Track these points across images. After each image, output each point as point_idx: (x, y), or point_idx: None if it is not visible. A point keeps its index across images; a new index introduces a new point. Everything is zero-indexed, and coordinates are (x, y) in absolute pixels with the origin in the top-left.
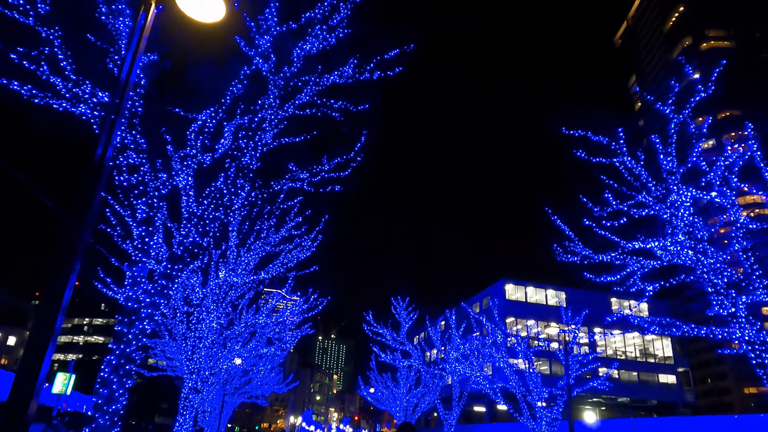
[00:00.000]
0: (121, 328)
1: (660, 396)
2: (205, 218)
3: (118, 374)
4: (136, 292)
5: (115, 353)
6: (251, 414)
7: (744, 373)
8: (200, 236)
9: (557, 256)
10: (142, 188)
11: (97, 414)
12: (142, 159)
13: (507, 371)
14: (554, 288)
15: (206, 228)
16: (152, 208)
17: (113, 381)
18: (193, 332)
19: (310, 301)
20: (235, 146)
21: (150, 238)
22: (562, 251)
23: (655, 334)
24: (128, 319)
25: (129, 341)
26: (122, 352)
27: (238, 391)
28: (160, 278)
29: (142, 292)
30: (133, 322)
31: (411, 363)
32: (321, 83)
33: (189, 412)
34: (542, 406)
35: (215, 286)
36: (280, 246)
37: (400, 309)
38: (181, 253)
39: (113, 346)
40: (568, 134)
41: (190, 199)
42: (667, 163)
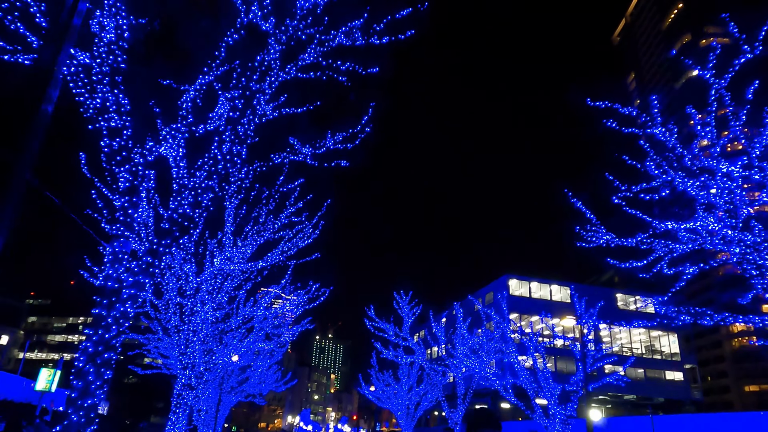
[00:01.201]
0: (100, 311)
1: (667, 393)
2: (197, 188)
3: (95, 364)
4: (117, 270)
5: (91, 339)
6: (248, 414)
7: (744, 371)
8: (191, 208)
9: (576, 242)
10: (125, 154)
11: (70, 409)
12: (126, 122)
13: (516, 367)
14: (559, 283)
15: (198, 199)
16: (137, 176)
17: (89, 372)
18: (187, 325)
19: (311, 292)
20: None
21: (134, 210)
22: (584, 235)
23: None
24: (108, 301)
25: (108, 326)
26: (100, 338)
27: (235, 389)
28: (146, 255)
29: (124, 270)
30: (113, 304)
31: (414, 359)
32: (326, 44)
33: (182, 410)
34: (555, 404)
35: (210, 276)
36: (279, 233)
37: (402, 304)
38: (169, 226)
39: (90, 332)
40: (594, 106)
41: (180, 171)
42: (705, 134)
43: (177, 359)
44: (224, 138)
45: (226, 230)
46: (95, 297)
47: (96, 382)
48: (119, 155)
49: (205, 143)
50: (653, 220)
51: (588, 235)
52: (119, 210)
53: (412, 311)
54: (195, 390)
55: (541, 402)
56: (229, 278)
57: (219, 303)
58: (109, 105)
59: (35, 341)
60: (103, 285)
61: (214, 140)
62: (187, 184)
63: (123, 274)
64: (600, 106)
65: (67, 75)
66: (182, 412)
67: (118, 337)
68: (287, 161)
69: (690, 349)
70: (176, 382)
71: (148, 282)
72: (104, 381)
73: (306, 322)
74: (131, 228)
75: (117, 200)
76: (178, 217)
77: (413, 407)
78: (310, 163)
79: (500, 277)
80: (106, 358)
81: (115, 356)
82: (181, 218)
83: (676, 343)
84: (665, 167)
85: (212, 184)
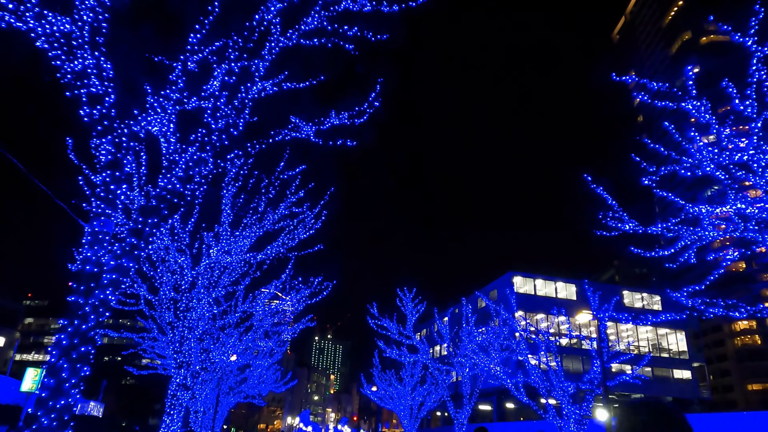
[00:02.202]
0: (76, 298)
1: (675, 392)
2: (188, 159)
3: (69, 359)
4: (97, 252)
5: (66, 331)
6: (248, 415)
7: (748, 369)
8: (181, 183)
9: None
10: (107, 123)
11: (39, 411)
12: (108, 88)
13: (528, 365)
14: (564, 280)
15: (190, 173)
16: (120, 148)
17: (63, 368)
18: (182, 321)
19: (313, 286)
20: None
21: (116, 185)
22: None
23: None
24: (85, 287)
25: (86, 315)
26: (76, 329)
27: (234, 390)
28: (129, 236)
29: (105, 253)
30: (91, 291)
31: (418, 358)
32: (331, 7)
33: (177, 411)
34: (568, 403)
35: (206, 268)
36: (279, 223)
37: (406, 301)
38: (156, 204)
39: (64, 323)
40: (620, 80)
41: (171, 146)
42: (745, 108)
43: (171, 357)
44: (219, 105)
45: (223, 220)
46: (71, 283)
47: (71, 380)
48: (100, 125)
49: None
50: (686, 203)
51: (610, 223)
52: (100, 185)
53: (416, 308)
54: (191, 390)
55: (550, 401)
56: (226, 272)
57: (216, 298)
58: (90, 69)
59: (32, 342)
60: (80, 269)
61: (208, 107)
62: (178, 161)
63: (103, 257)
64: (627, 81)
65: (43, 36)
66: (177, 414)
67: (97, 328)
68: (288, 138)
69: (698, 346)
70: (171, 381)
71: (132, 266)
72: (80, 379)
73: (307, 320)
74: (113, 205)
75: (98, 175)
76: (166, 194)
77: (416, 407)
78: (314, 140)
79: (505, 274)
80: (82, 352)
81: (94, 350)
82: (170, 194)
83: (684, 341)
84: (695, 147)
85: (205, 156)
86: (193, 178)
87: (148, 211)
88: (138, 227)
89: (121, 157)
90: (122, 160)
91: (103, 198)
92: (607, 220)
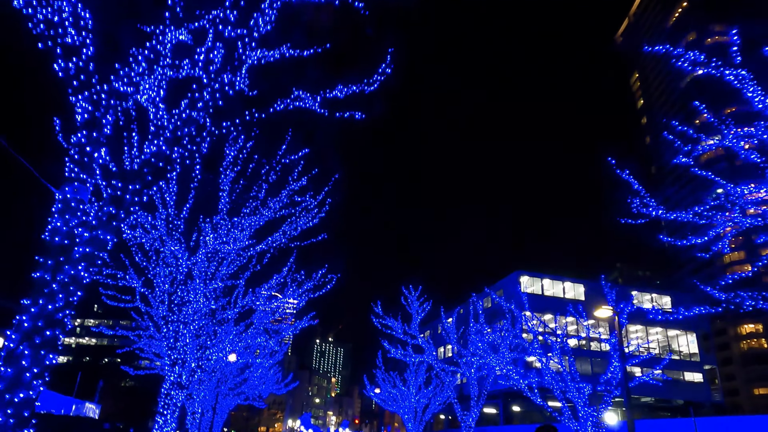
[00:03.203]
0: (42, 274)
1: (686, 395)
2: (176, 120)
3: (32, 344)
4: (68, 222)
5: (29, 312)
6: (248, 417)
7: (754, 373)
8: (168, 145)
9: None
10: (84, 78)
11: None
12: (86, 39)
13: (540, 365)
14: (572, 280)
15: (178, 134)
16: (98, 106)
17: (24, 355)
18: (176, 315)
19: (316, 279)
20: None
21: (93, 147)
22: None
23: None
24: (53, 262)
25: (53, 294)
26: (41, 309)
27: (233, 391)
28: (107, 204)
29: (78, 223)
30: (60, 266)
31: (423, 358)
32: None
33: (171, 411)
34: (585, 405)
35: (202, 258)
36: (281, 211)
37: (411, 299)
38: (139, 167)
39: (27, 302)
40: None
41: (159, 112)
42: None
43: (165, 354)
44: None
45: (221, 207)
46: (37, 257)
47: (32, 369)
48: (76, 80)
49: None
50: (726, 183)
51: (638, 209)
52: (74, 146)
53: (421, 307)
54: (187, 390)
55: (556, 404)
56: (224, 263)
57: (214, 291)
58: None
59: None
60: (48, 241)
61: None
62: (166, 125)
63: (76, 227)
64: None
65: None
66: (171, 414)
67: (66, 309)
68: (291, 108)
69: (708, 348)
70: (165, 380)
71: (109, 239)
72: (44, 368)
73: (309, 318)
74: (89, 170)
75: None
76: (150, 157)
77: (421, 410)
78: (319, 111)
79: (511, 274)
80: (47, 336)
81: (62, 335)
82: (155, 158)
83: (695, 343)
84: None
85: (196, 116)
86: (182, 140)
87: (129, 176)
88: (117, 194)
89: (99, 116)
90: (101, 120)
91: (78, 161)
92: (636, 206)
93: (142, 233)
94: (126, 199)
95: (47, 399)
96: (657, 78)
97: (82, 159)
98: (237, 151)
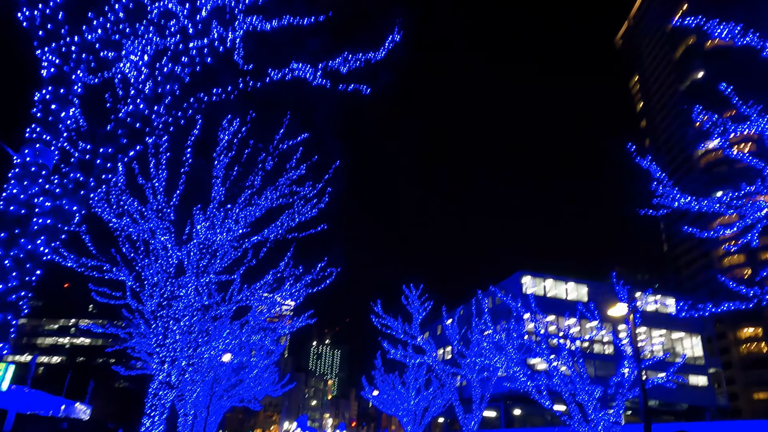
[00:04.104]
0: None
1: (690, 399)
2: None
3: None
4: (26, 189)
5: None
6: (243, 419)
7: (753, 378)
8: (146, 104)
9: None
10: (51, 28)
11: None
12: None
13: (549, 368)
14: (575, 281)
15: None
16: (67, 60)
17: None
18: (166, 310)
19: (315, 272)
20: None
21: (60, 105)
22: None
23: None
24: (7, 234)
25: (4, 272)
26: None
27: (228, 392)
28: (74, 170)
29: (38, 190)
30: (15, 239)
31: (423, 359)
32: None
33: (159, 412)
34: (596, 408)
35: (194, 249)
36: (278, 200)
37: (412, 298)
38: (112, 129)
39: None
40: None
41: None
42: None
43: (153, 351)
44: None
45: (214, 195)
46: None
47: None
48: (42, 30)
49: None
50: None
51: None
52: (38, 104)
53: (423, 306)
54: (177, 389)
55: (562, 407)
56: (218, 255)
57: (207, 285)
58: None
59: (25, 344)
60: (2, 210)
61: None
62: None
63: (36, 196)
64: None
65: None
66: (159, 416)
67: (22, 290)
68: (289, 78)
69: (713, 350)
70: (153, 379)
71: (76, 210)
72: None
73: (307, 316)
74: (55, 131)
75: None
76: (126, 116)
77: (420, 413)
78: (321, 83)
79: (514, 274)
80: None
81: (16, 321)
82: (132, 117)
83: (699, 345)
84: None
85: (180, 73)
86: (163, 99)
87: (100, 138)
88: (86, 158)
89: (68, 71)
90: (70, 75)
91: (41, 120)
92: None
93: (129, 222)
94: (96, 165)
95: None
96: (657, 81)
97: (46, 118)
98: (231, 135)
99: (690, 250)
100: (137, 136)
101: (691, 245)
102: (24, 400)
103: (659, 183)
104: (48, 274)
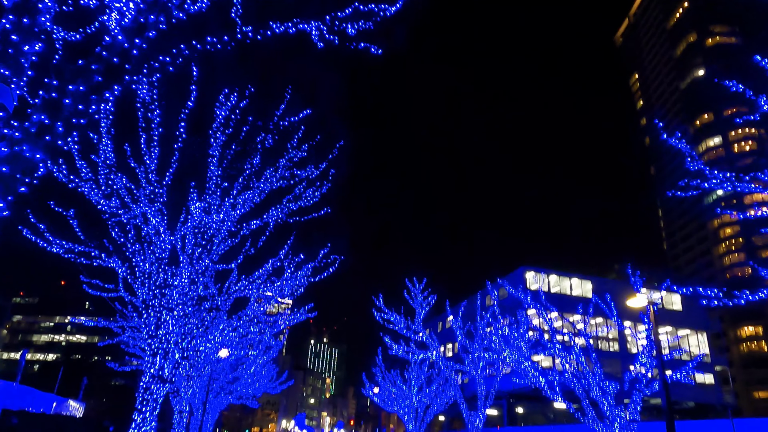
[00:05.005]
0: None
1: (697, 397)
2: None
3: None
4: None
5: None
6: (241, 417)
7: (753, 376)
8: (126, 36)
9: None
10: None
11: None
12: None
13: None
14: (579, 277)
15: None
16: None
17: None
18: (158, 299)
19: (317, 260)
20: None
21: (22, 37)
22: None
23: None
24: None
25: None
26: None
27: (225, 390)
28: (38, 111)
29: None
30: None
31: (426, 355)
32: None
33: (151, 408)
34: (612, 406)
35: (189, 233)
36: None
37: (415, 292)
38: (85, 63)
39: None
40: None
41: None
42: None
43: (145, 343)
44: None
45: (210, 175)
46: None
47: None
48: None
49: None
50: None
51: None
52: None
53: (425, 301)
54: (168, 384)
55: (562, 406)
56: (214, 240)
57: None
58: None
59: (20, 341)
60: None
61: None
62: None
63: None
64: None
65: None
66: (150, 411)
67: None
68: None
69: (720, 347)
70: (144, 372)
71: (40, 158)
72: None
73: (307, 310)
74: (16, 67)
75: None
76: (102, 50)
77: (422, 410)
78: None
79: (516, 269)
80: None
81: None
82: (108, 51)
83: (705, 343)
84: None
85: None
86: (146, 32)
87: (69, 73)
88: (52, 97)
89: None
90: (37, 4)
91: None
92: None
93: (118, 204)
94: (65, 105)
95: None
96: (657, 79)
97: (5, 51)
98: (229, 110)
99: (690, 248)
100: (114, 74)
101: (691, 244)
102: (12, 396)
103: (692, 160)
104: (44, 270)
